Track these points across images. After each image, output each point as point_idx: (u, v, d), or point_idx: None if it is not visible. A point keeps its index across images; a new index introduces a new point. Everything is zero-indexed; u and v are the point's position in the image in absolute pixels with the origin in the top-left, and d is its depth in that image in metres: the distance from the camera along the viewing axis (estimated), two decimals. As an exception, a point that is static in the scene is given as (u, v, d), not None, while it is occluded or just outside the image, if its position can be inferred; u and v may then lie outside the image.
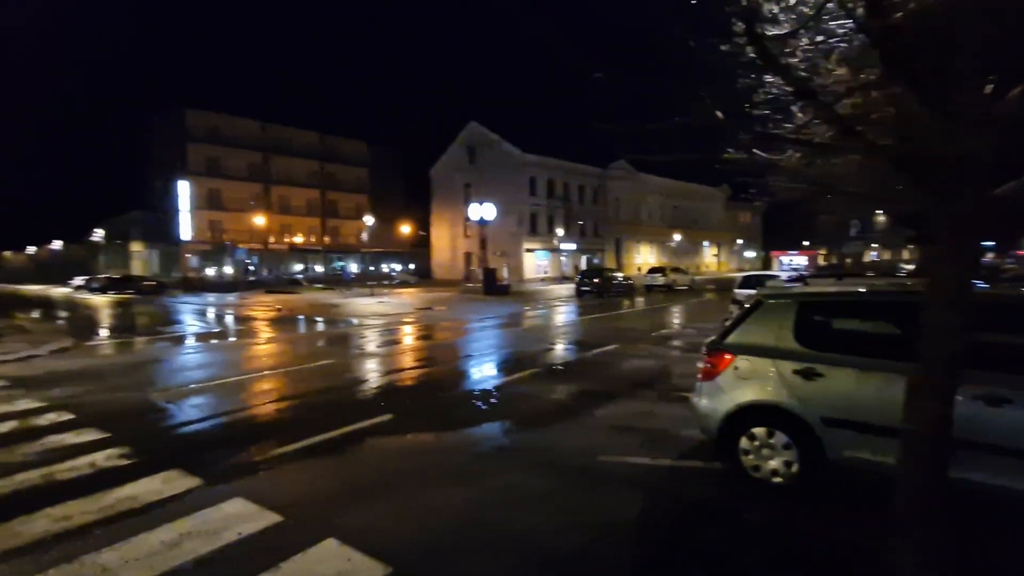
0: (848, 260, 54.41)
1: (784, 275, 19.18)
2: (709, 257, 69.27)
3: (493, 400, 6.79)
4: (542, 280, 46.74)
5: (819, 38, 3.02)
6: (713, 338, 4.46)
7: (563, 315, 18.48)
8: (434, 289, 37.30)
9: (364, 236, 47.62)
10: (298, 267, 55.16)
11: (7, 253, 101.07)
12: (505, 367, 9.20)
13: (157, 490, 3.99)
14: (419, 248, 60.51)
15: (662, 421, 5.67)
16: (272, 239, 52.83)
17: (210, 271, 48.71)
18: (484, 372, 8.84)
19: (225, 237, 47.84)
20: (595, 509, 3.69)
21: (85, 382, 8.19)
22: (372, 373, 8.82)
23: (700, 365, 4.39)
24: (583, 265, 49.38)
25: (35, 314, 22.28)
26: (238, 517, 3.52)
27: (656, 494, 3.94)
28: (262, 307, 23.99)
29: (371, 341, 12.59)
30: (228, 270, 46.41)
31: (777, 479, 3.86)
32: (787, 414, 3.83)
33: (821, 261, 58.81)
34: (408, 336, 13.74)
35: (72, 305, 28.12)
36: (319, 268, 56.92)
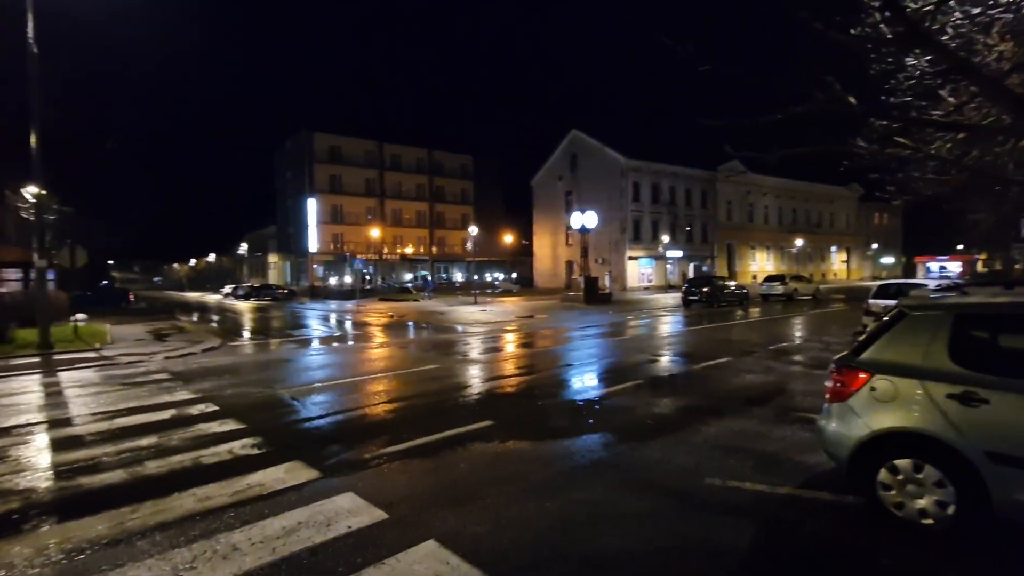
0: (1018, 266, 46.19)
1: (932, 283, 16.76)
2: (837, 264, 62.73)
3: (593, 411, 6.63)
4: (646, 289, 45.25)
5: (975, 10, 2.58)
6: (844, 354, 3.96)
7: (668, 325, 17.69)
8: (536, 297, 37.59)
9: (468, 245, 49.29)
10: (408, 276, 58.47)
11: (175, 265, 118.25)
12: (606, 378, 8.97)
13: (281, 479, 4.37)
14: (521, 256, 61.59)
15: (778, 443, 5.16)
16: (386, 249, 56.63)
17: (332, 280, 53.22)
18: (584, 382, 8.68)
19: (345, 248, 52.24)
20: (699, 536, 3.42)
21: (228, 377, 9.28)
22: (474, 379, 9.04)
23: (828, 384, 3.92)
24: (691, 273, 47.05)
25: (193, 316, 25.81)
26: (348, 511, 3.73)
27: (771, 525, 3.57)
28: (376, 313, 25.71)
29: (473, 348, 12.93)
30: (347, 279, 50.41)
31: (927, 521, 3.32)
32: (940, 445, 3.27)
33: (980, 267, 50.51)
34: (509, 344, 13.93)
35: (221, 309, 32.21)
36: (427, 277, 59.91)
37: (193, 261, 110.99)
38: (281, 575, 2.95)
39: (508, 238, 54.46)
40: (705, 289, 25.99)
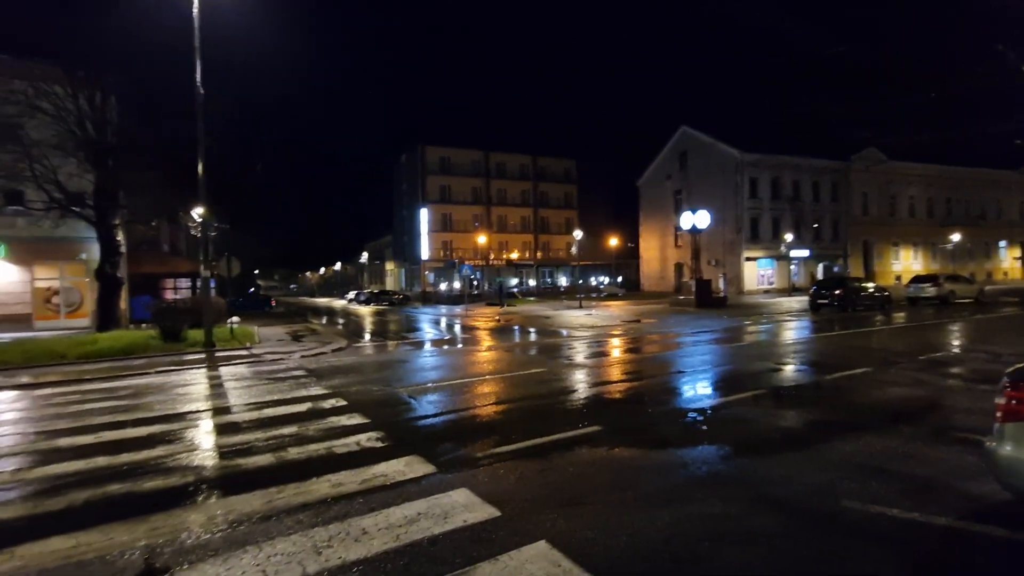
0: None
1: None
2: (1008, 261, 53.57)
3: (707, 421, 6.28)
4: (765, 292, 42.00)
5: None
6: (1020, 366, 3.39)
7: (793, 331, 16.26)
8: (642, 301, 36.52)
9: (573, 250, 49.21)
10: (514, 280, 59.64)
11: (307, 273, 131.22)
12: (722, 386, 8.46)
13: (401, 471, 4.67)
14: (627, 260, 60.15)
15: (932, 467, 4.52)
16: (492, 255, 58.29)
17: (442, 285, 55.86)
18: (697, 390, 8.26)
19: (454, 255, 54.63)
20: (836, 564, 3.10)
21: (353, 375, 10.12)
22: (580, 383, 8.99)
23: (1000, 400, 3.36)
24: (819, 274, 42.87)
25: (322, 320, 28.48)
26: (463, 506, 3.90)
27: (927, 561, 3.14)
28: (483, 318, 26.55)
29: (579, 352, 12.87)
30: (456, 284, 52.64)
31: None
32: None
33: None
34: (616, 348, 13.67)
35: (346, 313, 35.21)
36: (532, 281, 60.74)
37: (322, 270, 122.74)
38: (404, 560, 3.16)
39: (613, 241, 53.42)
40: (837, 292, 23.50)
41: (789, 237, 42.11)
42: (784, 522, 3.62)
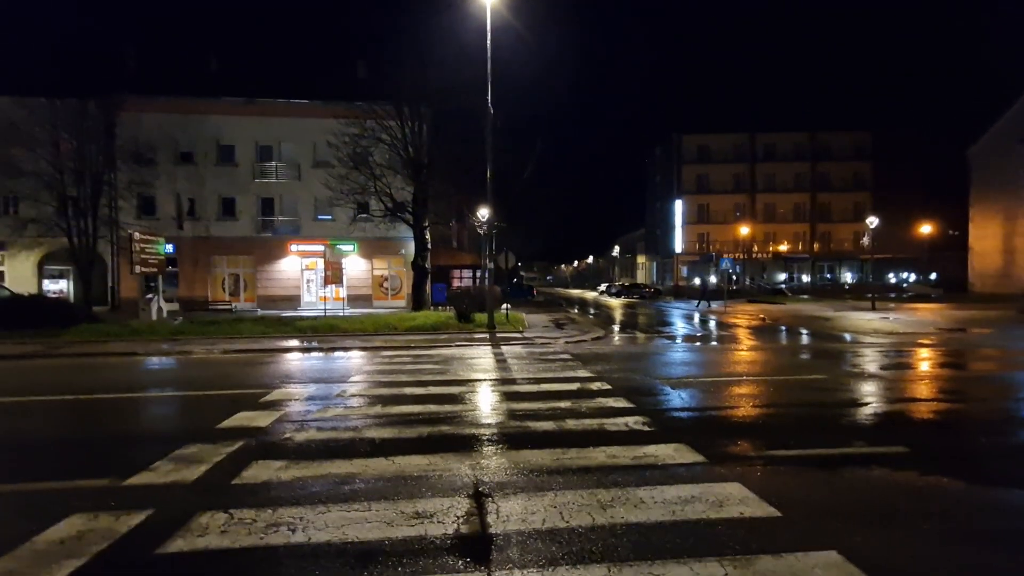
0: None
1: None
2: None
3: (1080, 464, 4.75)
4: None
5: None
6: None
7: None
8: (969, 305, 28.58)
9: (864, 240, 41.20)
10: (781, 276, 53.23)
11: (562, 265, 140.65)
12: (1107, 423, 6.21)
13: (670, 456, 4.87)
14: (945, 252, 47.52)
15: None
16: (756, 248, 53.05)
17: (696, 280, 53.35)
18: (1061, 424, 6.25)
19: (711, 248, 51.50)
20: None
21: (613, 362, 10.68)
22: (874, 396, 7.70)
23: None
24: None
25: (578, 310, 30.36)
26: (738, 499, 3.88)
27: None
28: (744, 315, 24.54)
29: (871, 361, 10.93)
30: (712, 279, 49.66)
31: None
32: None
33: None
34: (924, 361, 11.17)
35: (598, 304, 36.77)
36: (805, 277, 53.24)
37: (576, 263, 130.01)
38: (680, 533, 3.36)
39: (925, 229, 42.69)
40: None
41: None
42: None
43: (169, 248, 21.89)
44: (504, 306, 21.85)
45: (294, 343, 13.86)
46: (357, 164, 23.31)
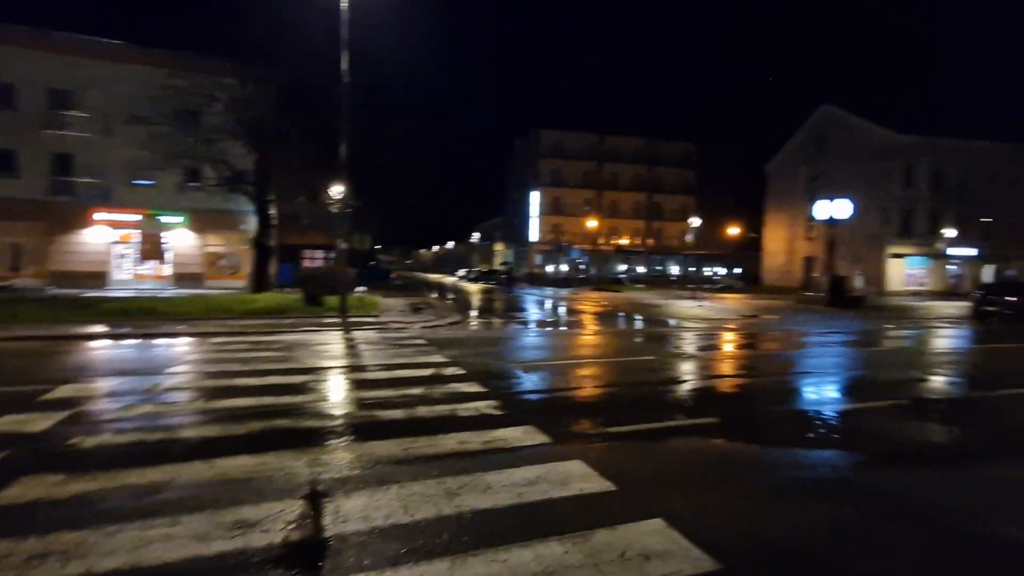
0: None
1: None
2: None
3: (836, 426, 5.88)
4: (914, 294, 37.16)
5: None
6: None
7: (948, 340, 14.36)
8: (763, 296, 34.11)
9: (688, 238, 46.97)
10: (622, 267, 58.45)
11: (422, 251, 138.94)
12: (853, 392, 7.81)
13: (519, 438, 4.97)
14: (747, 252, 56.24)
15: None
16: (601, 240, 57.50)
17: (549, 268, 56.33)
18: (823, 393, 7.70)
19: (562, 238, 54.68)
20: (993, 588, 2.84)
21: (468, 347, 10.73)
22: (692, 375, 8.77)
23: None
24: (987, 277, 37.01)
25: (436, 295, 30.17)
26: (579, 476, 4.09)
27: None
28: (589, 302, 26.49)
29: (690, 343, 12.46)
30: (563, 267, 52.81)
31: None
32: None
33: None
34: (729, 343, 13.04)
35: (456, 289, 36.94)
36: (641, 269, 59.11)
37: (435, 248, 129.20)
38: (525, 515, 3.42)
39: (733, 231, 50.03)
40: (1013, 299, 20.17)
41: (951, 233, 36.65)
42: (927, 537, 3.36)
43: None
44: (359, 289, 20.81)
45: (97, 329, 11.65)
46: (185, 124, 20.23)
